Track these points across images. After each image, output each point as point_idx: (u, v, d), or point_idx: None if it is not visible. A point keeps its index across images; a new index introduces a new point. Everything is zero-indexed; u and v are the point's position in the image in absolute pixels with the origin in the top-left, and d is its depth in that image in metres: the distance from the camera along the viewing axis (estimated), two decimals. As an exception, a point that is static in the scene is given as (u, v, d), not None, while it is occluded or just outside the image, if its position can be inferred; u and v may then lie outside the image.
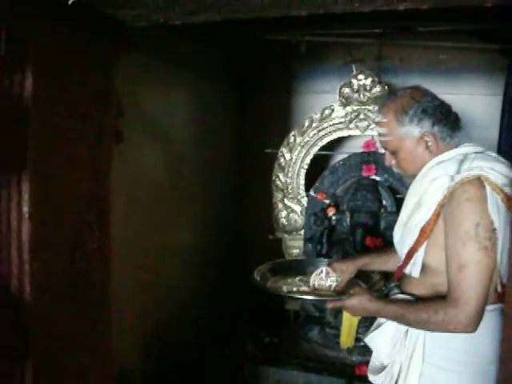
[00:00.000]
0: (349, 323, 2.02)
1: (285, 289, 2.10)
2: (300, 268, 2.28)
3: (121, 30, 1.63)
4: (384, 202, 2.97)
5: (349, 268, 2.05)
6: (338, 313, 2.78)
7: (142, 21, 1.49)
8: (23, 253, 1.31)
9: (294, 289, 2.08)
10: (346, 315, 2.00)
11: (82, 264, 1.52)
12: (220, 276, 3.68)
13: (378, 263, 2.04)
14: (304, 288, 2.06)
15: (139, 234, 2.45)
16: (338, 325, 2.55)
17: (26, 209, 1.29)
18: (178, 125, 2.99)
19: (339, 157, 3.31)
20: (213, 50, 3.24)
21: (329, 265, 2.09)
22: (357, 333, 2.03)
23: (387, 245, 2.42)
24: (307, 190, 3.22)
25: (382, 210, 2.94)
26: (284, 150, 3.23)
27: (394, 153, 1.71)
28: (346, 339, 2.06)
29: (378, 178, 3.00)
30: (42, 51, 1.31)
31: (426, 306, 1.53)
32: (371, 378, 1.84)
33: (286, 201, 3.25)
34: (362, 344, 2.04)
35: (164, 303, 2.87)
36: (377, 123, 1.73)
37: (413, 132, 1.63)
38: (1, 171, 1.25)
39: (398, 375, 1.67)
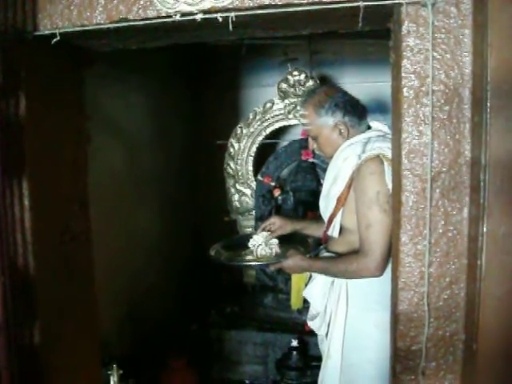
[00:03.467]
0: (297, 287, 2.33)
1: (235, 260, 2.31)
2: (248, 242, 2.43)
3: (87, 53, 1.98)
4: (322, 181, 3.36)
5: (287, 225, 2.33)
6: (288, 280, 3.17)
7: (106, 47, 1.85)
8: (26, 236, 1.66)
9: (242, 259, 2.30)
10: (293, 280, 2.33)
11: (69, 244, 1.89)
12: (183, 257, 3.96)
13: (311, 229, 2.37)
14: (250, 257, 2.25)
15: (106, 223, 2.65)
16: (288, 290, 2.83)
17: (26, 202, 1.65)
18: (135, 124, 3.24)
19: (282, 144, 3.70)
20: (164, 55, 3.50)
21: (269, 220, 2.36)
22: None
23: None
24: (255, 175, 3.58)
25: (320, 188, 3.33)
26: (233, 140, 3.61)
27: (315, 138, 2.06)
28: (296, 301, 2.39)
29: (315, 161, 3.40)
30: (30, 78, 1.66)
31: (343, 259, 1.90)
32: (309, 323, 2.17)
33: (237, 186, 3.64)
34: (308, 305, 2.25)
35: (134, 284, 3.13)
36: (301, 115, 2.12)
37: (328, 122, 1.98)
38: (5, 174, 1.59)
39: (330, 318, 2.02)
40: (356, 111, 2.02)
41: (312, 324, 2.17)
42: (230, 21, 1.39)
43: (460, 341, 1.35)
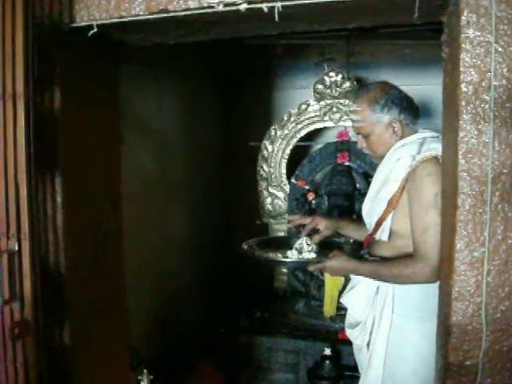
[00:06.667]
0: (330, 294, 2.23)
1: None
2: (285, 243, 2.34)
3: (123, 47, 1.94)
4: (357, 186, 3.28)
5: (331, 225, 2.23)
6: (321, 286, 3.09)
7: (143, 42, 1.80)
8: (58, 234, 1.62)
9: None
10: (327, 286, 2.22)
11: (101, 243, 1.84)
12: (213, 261, 3.91)
13: (349, 229, 2.28)
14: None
15: (137, 224, 2.61)
16: (321, 297, 2.74)
17: (59, 199, 1.61)
18: (167, 124, 3.22)
19: (316, 147, 3.61)
20: (196, 55, 3.47)
21: (313, 217, 2.28)
22: (338, 302, 2.23)
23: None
24: (289, 177, 3.50)
25: (356, 193, 3.26)
26: (266, 142, 3.54)
27: (366, 136, 1.96)
28: (329, 308, 2.29)
29: (351, 165, 3.31)
30: (66, 71, 1.62)
31: (397, 263, 1.79)
32: (348, 332, 2.07)
33: (270, 188, 3.56)
34: (343, 313, 2.21)
35: (164, 287, 3.10)
36: (352, 111, 1.99)
37: (383, 118, 1.90)
38: (38, 169, 1.55)
39: (372, 327, 1.93)
40: (411, 110, 1.94)
41: (350, 333, 2.07)
42: (275, 11, 1.32)
43: (518, 356, 1.25)
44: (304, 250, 2.12)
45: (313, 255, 2.14)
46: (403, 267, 1.74)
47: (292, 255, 2.14)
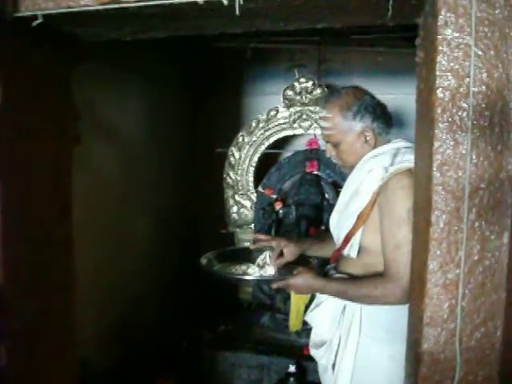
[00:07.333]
0: (296, 308, 2.10)
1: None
2: (246, 256, 2.28)
3: (76, 43, 1.79)
4: (326, 196, 3.19)
5: (296, 251, 2.10)
6: (286, 299, 2.98)
7: (96, 37, 1.66)
8: (-5, 244, 1.47)
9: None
10: (293, 300, 2.08)
11: (46, 255, 1.68)
12: (177, 269, 3.77)
13: (313, 250, 2.16)
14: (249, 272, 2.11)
15: (96, 230, 2.53)
16: (287, 310, 2.58)
17: (-3, 206, 1.46)
18: (131, 128, 3.09)
19: (285, 154, 3.51)
20: (164, 57, 3.36)
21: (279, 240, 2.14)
22: (304, 316, 2.12)
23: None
24: (256, 186, 3.39)
25: (325, 203, 3.16)
26: (233, 149, 3.42)
27: (335, 145, 1.83)
28: (295, 322, 2.15)
29: (320, 174, 3.22)
30: (9, 64, 1.47)
31: (366, 282, 1.67)
32: (313, 351, 1.97)
33: (236, 197, 3.43)
34: (309, 327, 2.13)
35: (121, 297, 2.95)
36: (322, 117, 1.85)
37: (355, 127, 1.77)
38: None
39: (338, 348, 1.82)
40: (385, 118, 1.83)
41: (315, 353, 1.97)
42: (236, 5, 1.20)
43: (494, 387, 1.15)
44: (267, 264, 2.01)
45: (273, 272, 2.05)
46: (373, 287, 1.63)
47: (253, 271, 2.02)
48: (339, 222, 1.86)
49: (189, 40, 2.95)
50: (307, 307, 2.07)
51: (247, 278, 2.10)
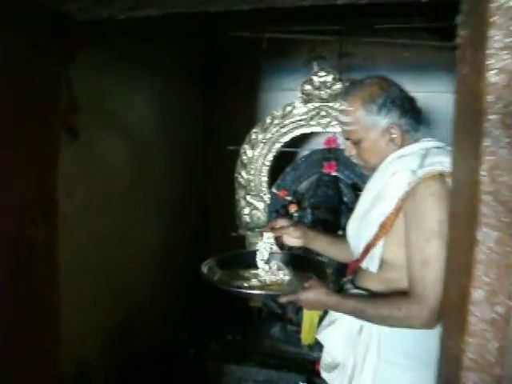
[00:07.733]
0: (309, 319, 1.95)
1: (235, 283, 1.89)
2: (251, 260, 2.02)
3: (69, 26, 1.59)
4: (345, 199, 2.97)
5: (306, 237, 1.92)
6: (299, 310, 2.78)
7: (86, 15, 1.46)
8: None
9: (245, 284, 1.89)
10: (306, 312, 1.93)
11: (24, 258, 1.49)
12: (185, 273, 3.57)
13: (322, 246, 1.96)
14: (254, 283, 1.88)
15: (98, 231, 2.37)
16: (299, 321, 2.38)
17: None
18: (138, 120, 2.92)
19: (302, 153, 3.29)
20: (175, 49, 3.19)
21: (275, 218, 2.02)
22: (317, 329, 1.94)
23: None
24: (270, 187, 3.19)
25: (343, 207, 2.94)
26: (246, 146, 3.20)
27: (356, 143, 1.63)
28: (307, 335, 1.98)
29: (338, 175, 2.99)
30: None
31: (388, 302, 1.47)
32: (324, 375, 1.79)
33: (248, 198, 3.22)
34: None
35: (127, 298, 2.81)
36: (342, 111, 1.65)
37: (380, 122, 1.56)
38: None
39: (352, 372, 1.62)
40: (414, 113, 1.59)
41: (327, 376, 1.77)
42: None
43: None
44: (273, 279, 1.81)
45: (286, 277, 1.86)
46: (395, 308, 1.42)
47: (262, 276, 1.83)
48: (358, 230, 1.65)
49: (202, 29, 2.77)
50: (321, 318, 1.89)
51: (254, 292, 1.87)
